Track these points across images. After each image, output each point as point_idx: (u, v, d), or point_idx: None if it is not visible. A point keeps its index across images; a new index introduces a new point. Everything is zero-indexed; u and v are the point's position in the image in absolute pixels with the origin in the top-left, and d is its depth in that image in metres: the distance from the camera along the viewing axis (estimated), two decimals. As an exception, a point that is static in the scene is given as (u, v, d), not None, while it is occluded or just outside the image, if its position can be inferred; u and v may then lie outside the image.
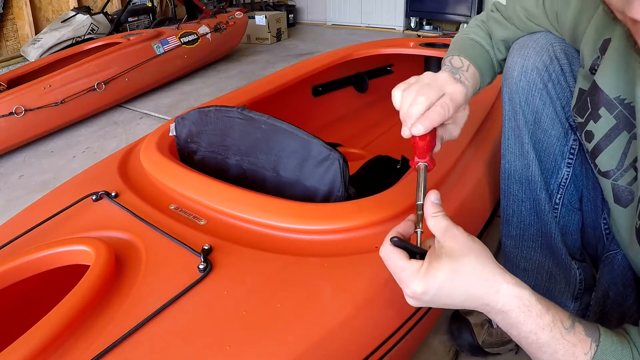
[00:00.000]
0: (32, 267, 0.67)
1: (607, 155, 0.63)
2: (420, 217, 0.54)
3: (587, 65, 0.66)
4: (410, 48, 1.67)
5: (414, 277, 0.48)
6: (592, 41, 0.64)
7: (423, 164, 0.57)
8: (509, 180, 0.82)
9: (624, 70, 0.58)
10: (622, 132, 0.60)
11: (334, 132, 1.66)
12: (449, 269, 0.47)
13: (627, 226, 0.64)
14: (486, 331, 0.88)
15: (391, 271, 0.52)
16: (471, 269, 0.48)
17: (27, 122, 1.96)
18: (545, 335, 0.47)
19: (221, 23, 3.13)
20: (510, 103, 0.78)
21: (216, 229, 0.72)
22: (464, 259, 0.48)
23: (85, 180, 0.91)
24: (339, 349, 0.57)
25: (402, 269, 0.49)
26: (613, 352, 0.46)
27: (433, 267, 0.48)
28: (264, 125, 0.83)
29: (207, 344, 0.53)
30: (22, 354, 0.50)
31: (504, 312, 0.48)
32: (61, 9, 3.61)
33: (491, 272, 0.48)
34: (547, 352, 0.47)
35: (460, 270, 0.47)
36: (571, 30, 0.69)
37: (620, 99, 0.59)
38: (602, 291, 0.75)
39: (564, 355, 0.46)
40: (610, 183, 0.64)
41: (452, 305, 0.49)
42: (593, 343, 0.46)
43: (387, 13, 4.53)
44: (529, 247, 0.84)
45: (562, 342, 0.46)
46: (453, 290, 0.48)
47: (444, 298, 0.48)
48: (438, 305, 0.50)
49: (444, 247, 0.49)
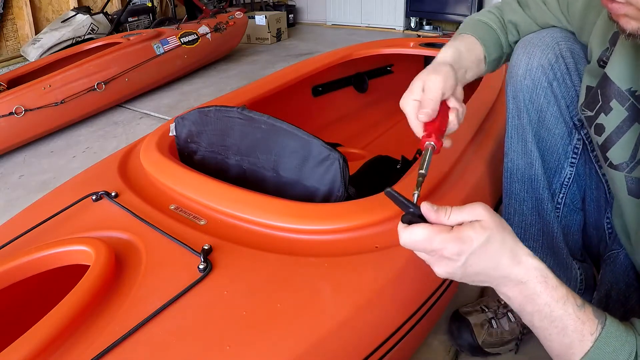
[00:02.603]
0: (32, 267, 0.66)
1: (619, 147, 0.63)
2: (419, 183, 0.56)
3: (595, 57, 0.66)
4: (410, 48, 1.66)
5: (447, 239, 0.49)
6: (601, 33, 0.64)
7: (430, 144, 0.61)
8: (511, 179, 0.82)
9: (634, 62, 0.58)
10: (634, 124, 0.60)
11: (334, 132, 1.66)
12: (483, 236, 0.49)
13: (637, 218, 0.64)
14: (486, 331, 0.88)
15: (420, 249, 0.51)
16: (500, 240, 0.49)
17: (27, 122, 1.96)
18: (559, 309, 0.48)
19: (221, 23, 3.13)
20: (515, 101, 0.77)
21: (216, 229, 0.72)
22: (495, 231, 0.49)
23: (85, 180, 0.91)
24: (339, 349, 0.57)
25: (430, 237, 0.49)
26: (617, 336, 0.47)
27: (467, 233, 0.49)
28: (264, 125, 0.82)
29: (207, 344, 0.53)
30: (22, 354, 0.50)
31: (524, 282, 0.49)
32: (61, 9, 3.60)
33: (514, 245, 0.50)
34: (558, 326, 0.48)
35: (492, 240, 0.49)
36: (580, 21, 0.69)
37: (631, 90, 0.59)
38: (604, 291, 0.74)
39: (573, 332, 0.48)
40: (623, 176, 0.64)
41: (480, 274, 0.50)
42: (599, 325, 0.48)
43: (387, 13, 4.52)
44: (530, 247, 0.83)
45: (574, 318, 0.48)
46: (485, 257, 0.49)
47: (474, 265, 0.49)
48: (466, 273, 0.50)
49: (479, 220, 0.50)
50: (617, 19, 0.49)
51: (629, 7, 0.47)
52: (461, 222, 0.50)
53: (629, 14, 0.47)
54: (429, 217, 0.51)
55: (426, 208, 0.51)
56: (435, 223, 0.51)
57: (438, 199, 0.80)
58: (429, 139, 0.61)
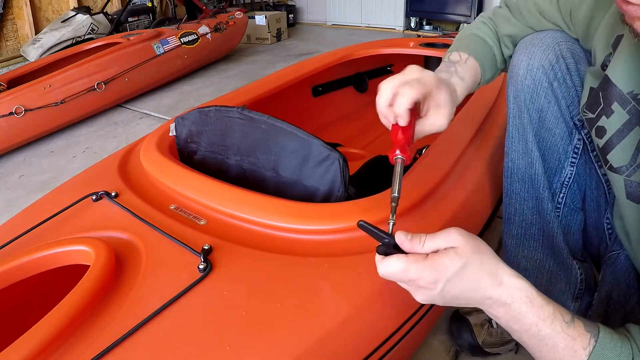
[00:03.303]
0: (32, 267, 0.66)
1: (620, 150, 0.63)
2: (394, 209, 0.55)
3: (599, 62, 0.66)
4: (410, 48, 1.67)
5: (422, 269, 0.49)
6: (604, 38, 0.64)
7: (400, 158, 0.59)
8: (512, 179, 0.82)
9: (636, 65, 0.58)
10: (635, 127, 0.60)
11: (334, 132, 1.66)
12: (458, 263, 0.49)
13: (636, 222, 0.63)
14: (486, 331, 0.88)
15: (398, 280, 0.52)
16: (478, 264, 0.49)
17: (27, 122, 1.96)
18: (547, 328, 0.48)
19: (221, 23, 3.13)
20: (515, 101, 0.77)
21: (216, 229, 0.72)
22: (471, 256, 0.49)
23: (85, 180, 0.91)
24: (339, 349, 0.57)
25: (406, 268, 0.50)
26: (612, 348, 0.47)
27: (441, 260, 0.49)
28: (264, 125, 0.82)
29: (207, 344, 0.53)
30: (22, 354, 0.50)
31: (507, 304, 0.49)
32: (61, 9, 3.61)
33: (495, 266, 0.50)
34: (547, 344, 0.48)
35: (467, 266, 0.49)
36: (584, 28, 0.69)
37: (633, 94, 0.59)
38: (605, 292, 0.74)
39: (564, 349, 0.47)
40: (622, 179, 0.63)
41: (459, 297, 0.50)
42: (592, 338, 0.47)
43: (387, 13, 4.53)
44: (531, 247, 0.84)
45: (563, 336, 0.47)
46: (462, 284, 0.49)
47: (453, 290, 0.49)
48: (446, 299, 0.51)
49: (454, 246, 0.50)
50: (631, 22, 0.48)
51: None
52: (436, 249, 0.50)
53: None
54: (404, 246, 0.51)
55: (400, 238, 0.51)
56: (410, 252, 0.51)
57: (438, 199, 0.80)
58: (399, 153, 0.58)
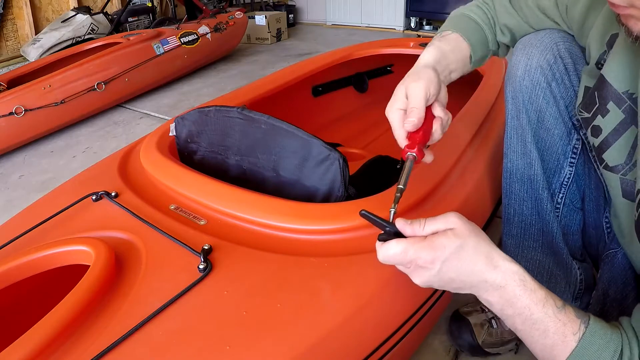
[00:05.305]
0: (32, 267, 0.66)
1: (615, 150, 0.63)
2: (397, 199, 0.57)
3: (594, 60, 0.66)
4: (410, 48, 1.66)
5: (420, 249, 0.51)
6: (599, 35, 0.65)
7: (412, 154, 0.61)
8: (511, 179, 0.82)
9: (631, 64, 0.58)
10: (630, 126, 0.60)
11: (334, 132, 1.66)
12: (455, 243, 0.50)
13: (630, 220, 0.64)
14: (486, 331, 0.88)
15: (398, 262, 0.53)
16: (474, 246, 0.51)
17: (27, 122, 1.96)
18: (539, 311, 0.49)
19: (221, 23, 3.13)
20: (514, 102, 0.77)
21: (216, 229, 0.72)
22: (468, 237, 0.51)
23: (85, 180, 0.91)
24: (339, 349, 0.57)
25: (405, 249, 0.51)
26: (602, 335, 0.47)
27: (439, 240, 0.50)
28: (264, 125, 0.82)
29: (207, 344, 0.53)
30: (22, 354, 0.50)
31: (502, 286, 0.50)
32: (61, 9, 3.60)
33: (490, 250, 0.51)
34: (539, 329, 0.49)
35: (465, 247, 0.50)
36: (580, 24, 0.69)
37: (628, 93, 0.59)
38: (602, 289, 0.74)
39: (554, 333, 0.48)
40: (618, 178, 0.64)
41: (455, 280, 0.51)
42: (582, 325, 0.48)
43: (387, 13, 4.52)
44: (530, 247, 0.84)
45: (554, 320, 0.48)
46: (459, 264, 0.50)
47: (449, 272, 0.51)
48: (443, 281, 0.52)
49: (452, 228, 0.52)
50: (625, 22, 0.49)
51: (634, 9, 0.47)
52: (436, 231, 0.52)
53: (634, 15, 0.47)
54: (405, 231, 0.53)
55: (401, 224, 0.53)
56: (411, 236, 0.53)
57: (438, 199, 0.80)
58: (410, 150, 0.60)
